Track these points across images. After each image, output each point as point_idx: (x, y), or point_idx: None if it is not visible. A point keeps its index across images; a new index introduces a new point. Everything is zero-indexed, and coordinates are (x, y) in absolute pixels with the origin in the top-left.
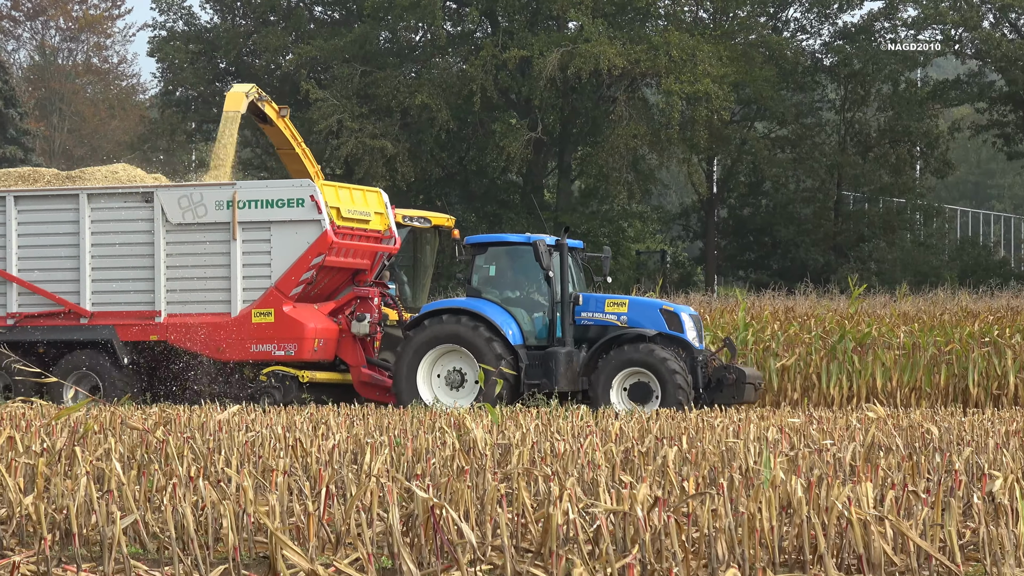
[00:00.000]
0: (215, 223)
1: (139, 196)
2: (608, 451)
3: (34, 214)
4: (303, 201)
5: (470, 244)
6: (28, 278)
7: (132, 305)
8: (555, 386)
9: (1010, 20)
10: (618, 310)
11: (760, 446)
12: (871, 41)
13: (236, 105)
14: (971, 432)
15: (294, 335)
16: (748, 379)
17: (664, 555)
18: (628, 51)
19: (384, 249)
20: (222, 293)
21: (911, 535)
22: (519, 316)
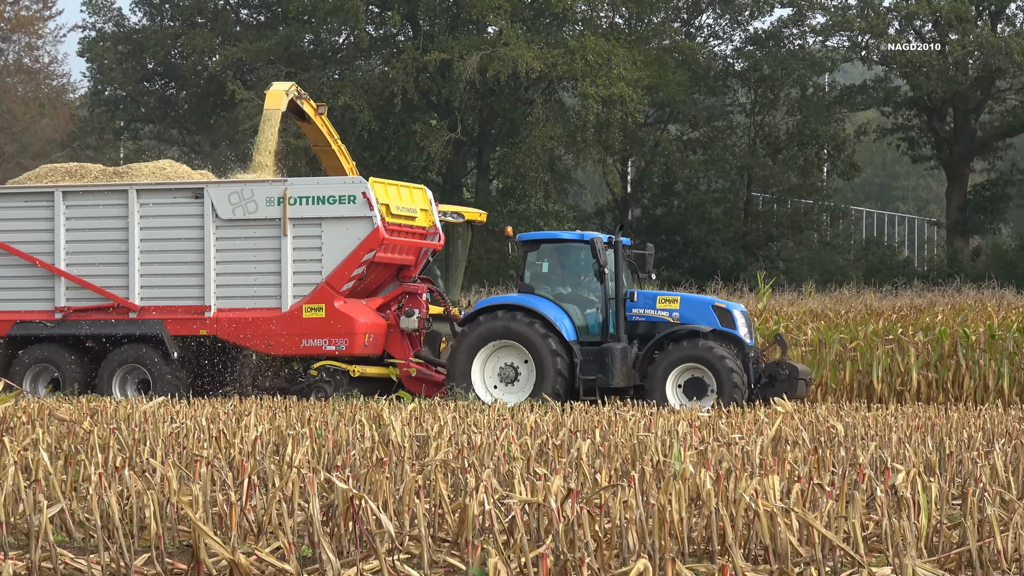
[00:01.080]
0: (265, 219)
1: (189, 192)
2: (524, 444)
3: (82, 209)
4: (355, 198)
5: (523, 241)
6: (76, 272)
7: (181, 300)
8: (611, 382)
9: (915, 27)
10: (670, 306)
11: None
12: (780, 47)
13: (276, 103)
14: (875, 427)
15: (345, 330)
16: (800, 375)
17: (577, 545)
18: (545, 55)
19: (429, 245)
20: (272, 288)
21: (816, 526)
22: (572, 312)
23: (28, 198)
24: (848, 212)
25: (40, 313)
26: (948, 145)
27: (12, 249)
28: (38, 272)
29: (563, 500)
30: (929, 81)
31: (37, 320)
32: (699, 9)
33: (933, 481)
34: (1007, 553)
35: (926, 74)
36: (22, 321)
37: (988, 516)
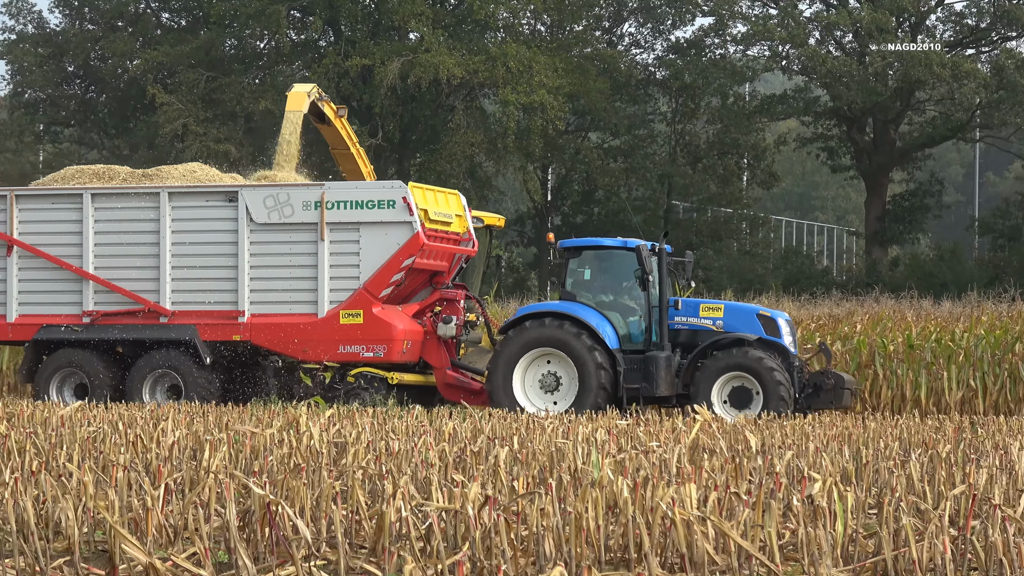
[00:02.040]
0: (302, 223)
1: (223, 195)
2: (441, 450)
3: (112, 212)
4: (394, 203)
5: (564, 248)
6: (105, 276)
7: (214, 304)
8: (655, 391)
9: (835, 38)
10: (713, 315)
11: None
12: (702, 56)
13: (298, 105)
14: (792, 436)
15: (384, 336)
16: (846, 384)
17: (494, 552)
18: (467, 61)
19: (463, 251)
20: (308, 294)
21: (732, 535)
22: (614, 320)
23: (55, 200)
24: (767, 221)
25: (67, 317)
26: (867, 155)
27: (38, 251)
28: (65, 275)
29: (480, 507)
30: (849, 91)
31: (64, 324)
32: (621, 18)
33: (849, 490)
34: (922, 563)
35: (846, 84)
36: (48, 325)
37: (903, 526)
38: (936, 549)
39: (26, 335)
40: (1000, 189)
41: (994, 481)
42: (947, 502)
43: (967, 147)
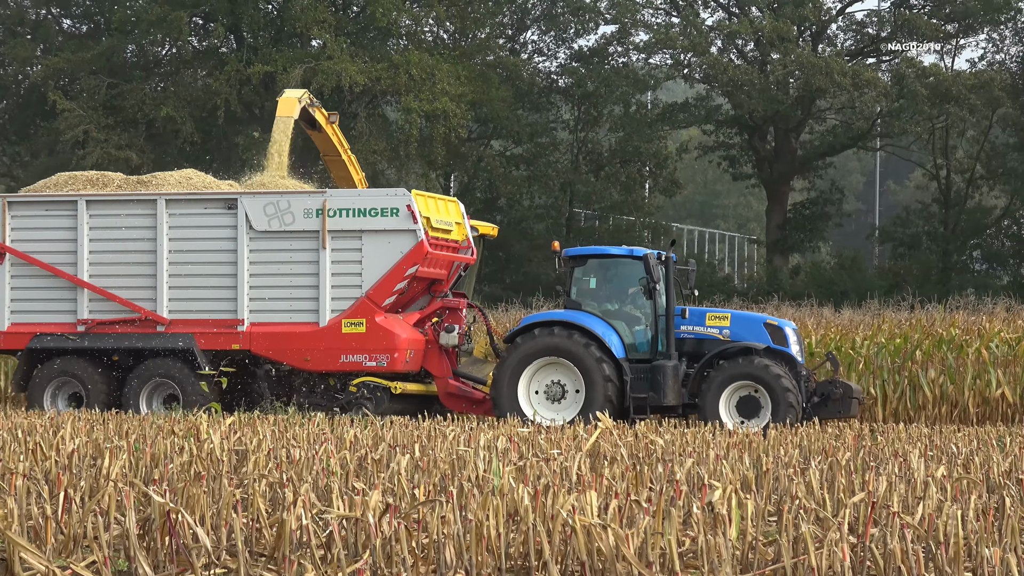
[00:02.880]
0: (303, 231)
1: (222, 202)
2: (343, 458)
3: (107, 219)
4: (398, 210)
5: (569, 256)
6: (100, 284)
7: (213, 313)
8: (662, 400)
9: (737, 46)
10: (720, 323)
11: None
12: (604, 64)
13: (289, 111)
14: (693, 443)
15: (387, 346)
16: (854, 394)
17: (394, 561)
18: (369, 69)
19: (462, 259)
20: (309, 302)
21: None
22: (620, 329)
23: (49, 207)
24: (669, 229)
25: (61, 325)
26: (769, 164)
27: (32, 259)
28: (59, 283)
29: (381, 515)
30: (750, 100)
31: (58, 332)
32: (524, 26)
33: (749, 498)
34: (821, 570)
35: (747, 93)
36: (42, 334)
37: (803, 533)
38: (835, 556)
39: (19, 344)
40: (900, 197)
41: (893, 489)
42: (846, 510)
43: (868, 156)
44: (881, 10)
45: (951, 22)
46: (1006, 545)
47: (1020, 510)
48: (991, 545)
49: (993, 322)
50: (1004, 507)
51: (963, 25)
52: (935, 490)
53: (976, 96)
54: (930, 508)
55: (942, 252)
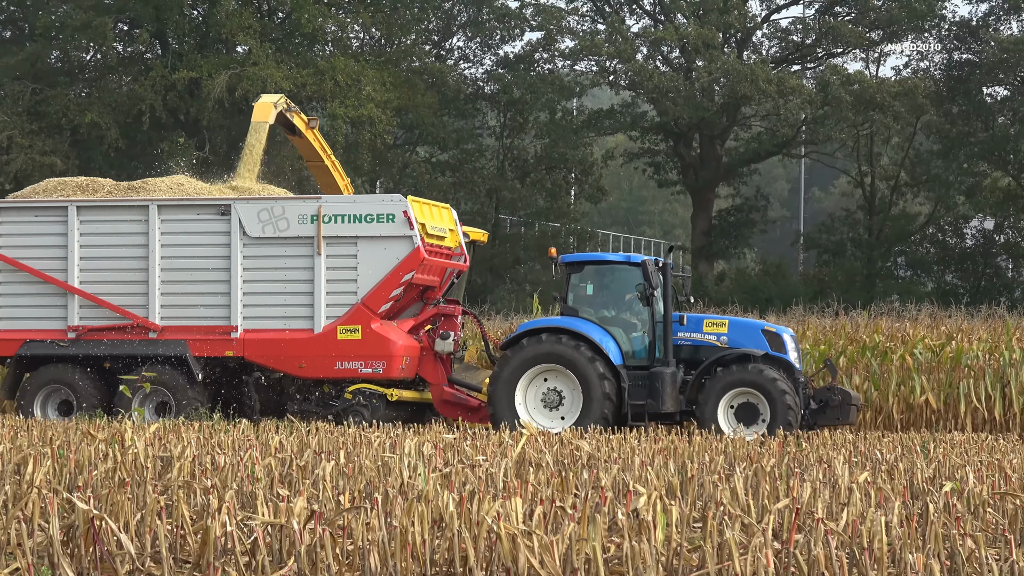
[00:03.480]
0: (297, 237)
1: (215, 208)
2: (268, 465)
3: (98, 225)
4: (394, 216)
5: (566, 263)
6: (91, 290)
7: (206, 320)
8: (661, 407)
9: (662, 53)
10: (717, 330)
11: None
12: (530, 71)
13: (264, 116)
14: (618, 450)
15: (383, 352)
16: (852, 401)
17: (319, 567)
18: (295, 75)
19: (455, 266)
20: (304, 309)
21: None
22: (617, 335)
23: (39, 212)
24: (595, 235)
25: (51, 332)
26: (694, 170)
27: (21, 265)
28: (49, 289)
29: (306, 522)
30: (676, 107)
31: (48, 339)
32: (450, 32)
33: (674, 504)
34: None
35: (673, 100)
36: (32, 340)
37: (727, 539)
38: (760, 563)
39: (8, 351)
40: (825, 204)
41: (817, 495)
42: (771, 516)
43: (792, 163)
44: (806, 18)
45: (876, 30)
46: (929, 551)
47: (943, 516)
48: (915, 551)
49: (917, 328)
50: (927, 513)
51: (888, 33)
52: (859, 496)
53: (900, 103)
54: (854, 514)
55: (866, 259)
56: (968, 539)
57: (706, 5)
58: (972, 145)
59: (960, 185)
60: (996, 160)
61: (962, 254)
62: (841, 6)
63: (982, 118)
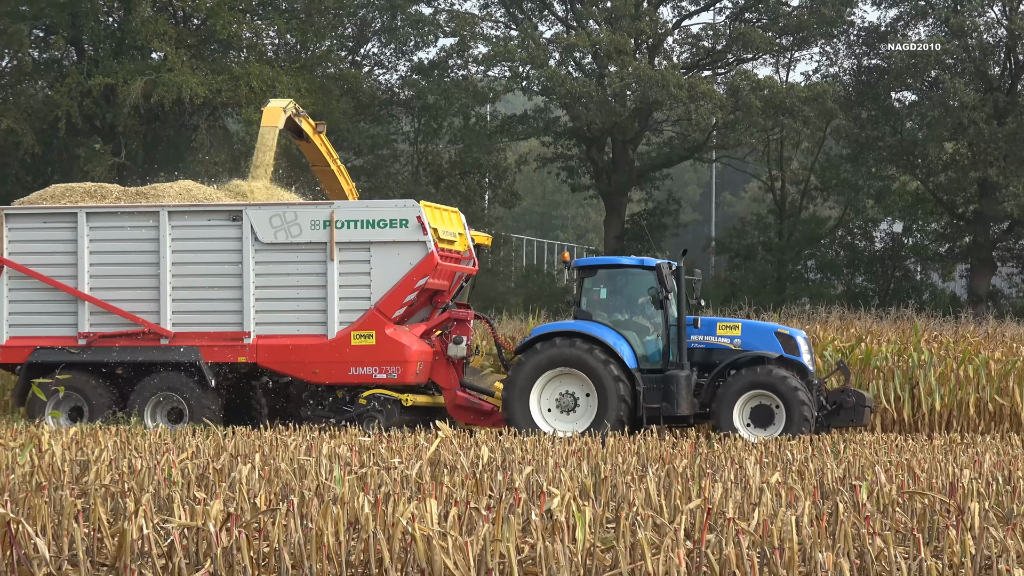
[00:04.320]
0: (310, 243)
1: (226, 214)
2: (184, 468)
3: (107, 231)
4: (407, 222)
5: (579, 267)
6: (101, 296)
7: (218, 326)
8: (675, 410)
9: (575, 59)
10: (731, 333)
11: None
12: (444, 76)
13: (273, 120)
14: (532, 452)
15: (397, 358)
16: (866, 403)
17: (235, 569)
18: (210, 81)
19: (464, 270)
20: (317, 314)
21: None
22: (631, 339)
23: (48, 219)
24: (509, 240)
25: (62, 339)
26: (607, 175)
27: (31, 272)
28: (58, 296)
29: (222, 524)
30: (588, 112)
31: (59, 346)
32: (364, 38)
33: (588, 505)
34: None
35: (585, 105)
36: (43, 347)
37: (640, 539)
38: (672, 562)
39: (18, 358)
40: (736, 208)
41: (729, 495)
42: (683, 516)
43: (704, 167)
44: (717, 24)
45: (785, 36)
46: (839, 550)
47: (853, 515)
48: (824, 550)
49: (827, 331)
50: (837, 513)
51: (797, 39)
52: (770, 496)
53: (810, 108)
54: (765, 514)
55: (777, 262)
56: (877, 538)
57: (618, 12)
58: (881, 149)
59: (869, 189)
60: (904, 164)
61: (871, 257)
62: (751, 12)
63: (890, 123)
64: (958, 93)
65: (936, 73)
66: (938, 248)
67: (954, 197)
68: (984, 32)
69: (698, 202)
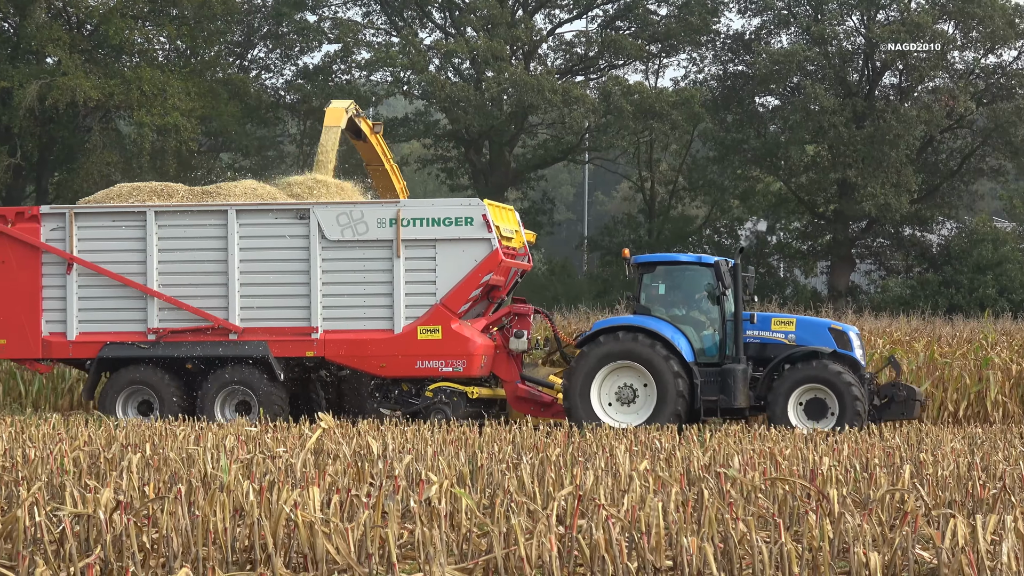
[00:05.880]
0: (376, 240)
1: (293, 212)
2: (76, 457)
3: (175, 229)
4: (472, 220)
5: (638, 263)
6: (170, 293)
7: (285, 321)
8: (733, 403)
9: (453, 65)
10: (785, 328)
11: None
12: (329, 81)
13: (336, 120)
14: (412, 441)
15: (463, 351)
16: (917, 396)
17: (125, 555)
18: (103, 85)
19: (520, 266)
20: (383, 310)
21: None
22: (689, 333)
23: (116, 217)
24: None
25: (132, 335)
26: (484, 176)
27: (100, 269)
28: (127, 292)
29: (112, 512)
30: (467, 115)
31: (129, 342)
32: (251, 44)
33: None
34: (531, 560)
35: (464, 109)
36: (113, 343)
37: (513, 525)
38: (544, 547)
39: (88, 353)
40: (608, 208)
41: (600, 482)
42: (555, 502)
43: (577, 168)
44: (589, 31)
45: (655, 43)
46: (703, 535)
47: (717, 501)
48: (690, 535)
49: None
50: (703, 499)
51: (666, 46)
52: (639, 483)
53: (678, 112)
54: (634, 500)
55: None
56: (740, 523)
57: (494, 20)
58: (745, 152)
59: (734, 189)
60: (768, 166)
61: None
62: (622, 21)
63: (755, 126)
64: (819, 98)
65: (798, 79)
66: (800, 246)
67: (815, 197)
68: (843, 40)
69: (571, 202)
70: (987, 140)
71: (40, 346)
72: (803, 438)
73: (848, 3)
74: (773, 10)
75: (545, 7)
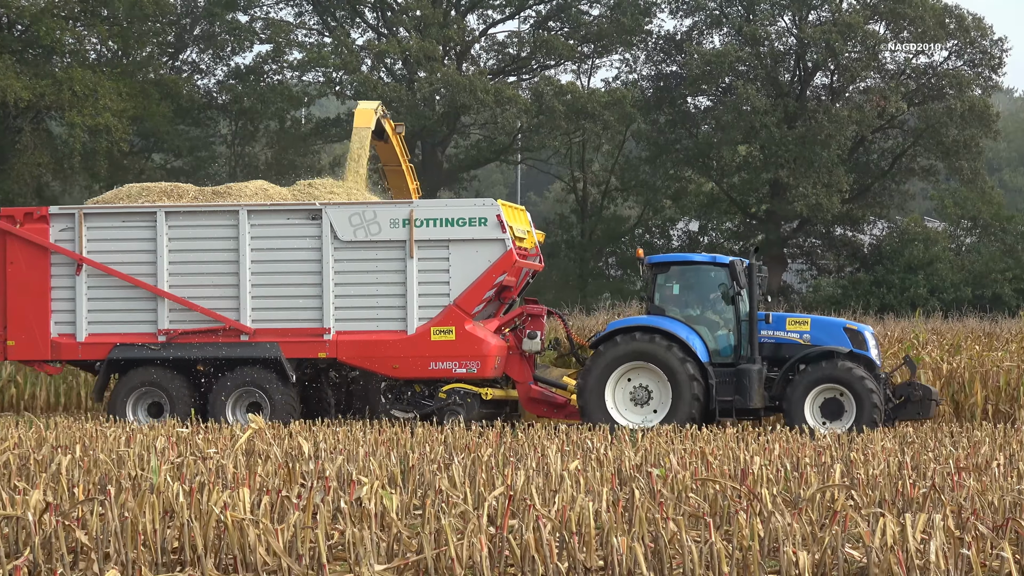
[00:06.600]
0: (389, 241)
1: (305, 213)
2: (5, 458)
3: (186, 230)
4: (486, 220)
5: (652, 263)
6: (180, 294)
7: (297, 322)
8: (749, 403)
9: (386, 65)
10: (800, 328)
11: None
12: (260, 81)
13: (366, 121)
14: (344, 442)
15: (477, 352)
16: (932, 396)
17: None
18: (34, 85)
19: (532, 267)
20: (396, 311)
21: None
22: (703, 333)
23: (127, 218)
24: None
25: (142, 336)
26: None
27: (110, 270)
28: (137, 293)
29: (41, 513)
30: (399, 116)
31: (139, 343)
32: (184, 44)
33: (395, 493)
34: (462, 560)
35: (396, 109)
36: (123, 344)
37: (444, 525)
38: (475, 547)
39: (98, 354)
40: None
41: (531, 482)
42: (487, 503)
43: (510, 168)
44: (522, 32)
45: (587, 43)
46: (634, 535)
47: (648, 501)
48: (620, 534)
49: None
50: (634, 499)
51: (598, 46)
52: (570, 483)
53: (610, 113)
54: (565, 500)
55: (579, 259)
56: (671, 522)
57: (427, 20)
58: (678, 152)
59: (667, 190)
60: (700, 166)
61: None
62: (554, 21)
63: (687, 127)
64: (751, 99)
65: (730, 79)
66: (732, 246)
67: (747, 197)
68: (775, 40)
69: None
70: (918, 140)
71: (49, 347)
72: (734, 437)
73: (780, 3)
74: (705, 11)
75: (478, 8)
